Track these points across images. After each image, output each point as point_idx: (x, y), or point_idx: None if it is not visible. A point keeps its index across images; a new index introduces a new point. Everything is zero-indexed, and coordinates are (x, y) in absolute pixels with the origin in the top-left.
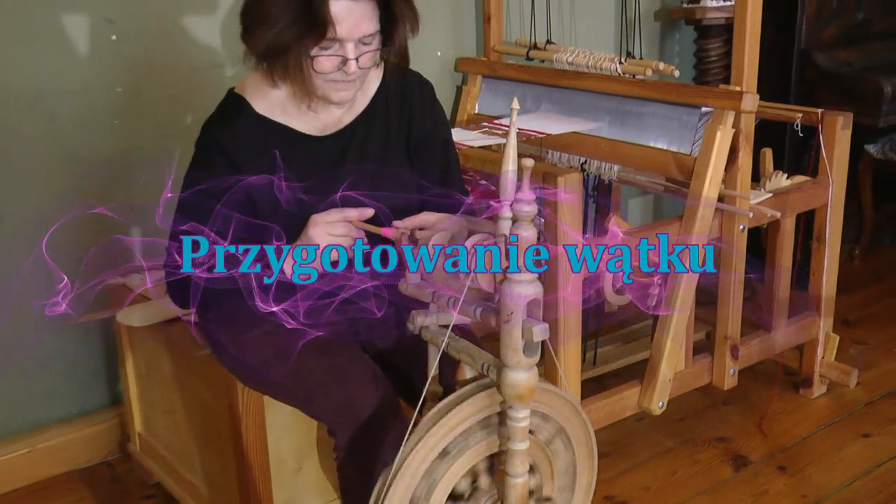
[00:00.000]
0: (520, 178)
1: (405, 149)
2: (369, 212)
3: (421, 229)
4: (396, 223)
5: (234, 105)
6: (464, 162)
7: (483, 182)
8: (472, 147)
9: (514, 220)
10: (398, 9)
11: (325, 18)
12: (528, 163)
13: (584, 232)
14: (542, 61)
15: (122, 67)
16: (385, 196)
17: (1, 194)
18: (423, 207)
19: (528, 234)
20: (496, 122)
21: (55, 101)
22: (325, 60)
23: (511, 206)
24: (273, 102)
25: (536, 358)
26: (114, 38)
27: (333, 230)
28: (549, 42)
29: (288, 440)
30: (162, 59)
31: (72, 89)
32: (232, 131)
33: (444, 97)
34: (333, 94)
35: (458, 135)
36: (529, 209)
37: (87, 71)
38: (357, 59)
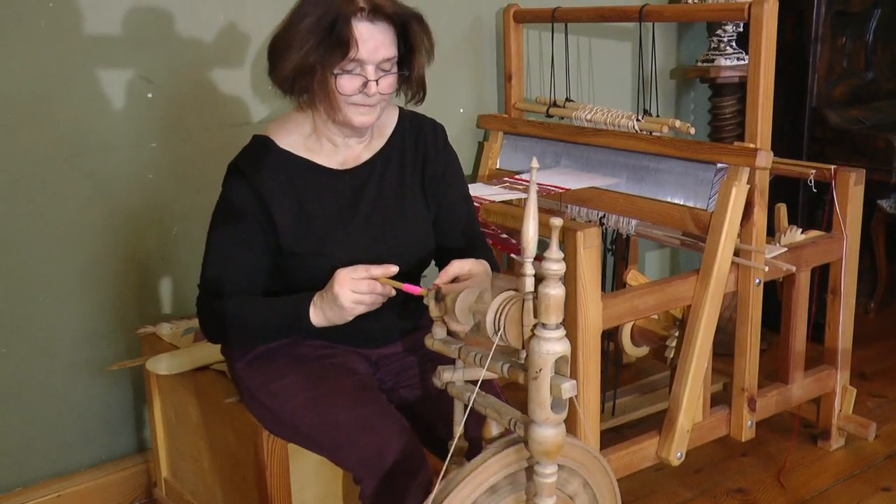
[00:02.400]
0: (541, 234)
1: (421, 187)
2: (393, 269)
3: (454, 280)
4: (438, 283)
5: (258, 143)
6: (485, 216)
7: (504, 236)
8: (493, 201)
9: (542, 278)
10: (416, 37)
11: (348, 38)
12: (557, 222)
13: (604, 285)
14: (562, 118)
15: (156, 124)
16: (403, 233)
17: (41, 248)
18: (441, 249)
19: (556, 292)
20: (517, 177)
21: (93, 156)
22: (347, 80)
23: (537, 263)
24: (296, 139)
25: (564, 415)
26: (150, 95)
27: (359, 287)
28: (568, 100)
29: (312, 488)
30: (194, 117)
31: (110, 145)
32: (255, 164)
33: (466, 152)
34: (355, 117)
35: (480, 189)
36: (558, 268)
37: (124, 127)
38: (377, 81)
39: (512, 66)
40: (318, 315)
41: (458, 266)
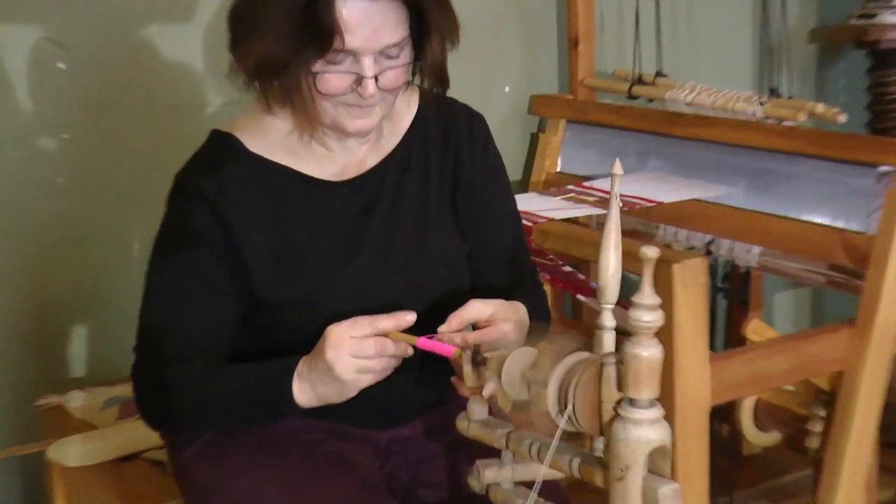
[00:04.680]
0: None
1: (450, 203)
2: (409, 317)
3: (474, 326)
4: (444, 330)
5: (220, 145)
6: (538, 241)
7: (566, 269)
8: (551, 219)
9: (628, 334)
10: (430, 12)
11: (332, 25)
12: (651, 253)
13: (712, 340)
14: (651, 101)
15: (71, 107)
16: (425, 270)
17: None
18: (479, 289)
19: (649, 353)
20: (586, 185)
21: None
22: (333, 79)
23: (620, 310)
24: (272, 139)
25: None
26: (62, 66)
27: (362, 350)
28: (659, 74)
29: None
30: (125, 96)
31: (1, 137)
32: (217, 177)
33: (513, 149)
34: (347, 122)
35: (532, 202)
36: (652, 319)
37: (24, 111)
38: (377, 77)
39: (579, 27)
40: (306, 391)
41: (475, 309)
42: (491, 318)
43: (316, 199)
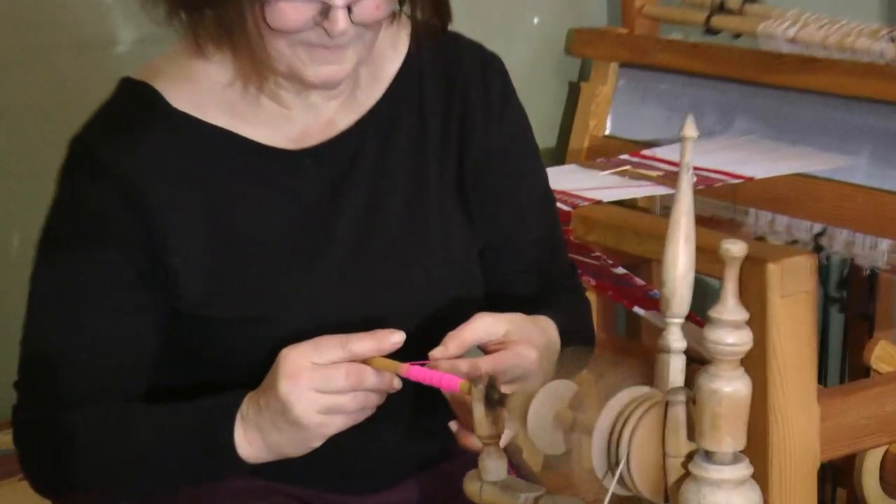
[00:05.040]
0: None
1: (456, 184)
2: (397, 337)
3: (484, 352)
4: (437, 355)
5: (133, 100)
6: (583, 232)
7: (619, 272)
8: (597, 202)
9: (704, 361)
10: None
11: None
12: (736, 249)
13: (823, 370)
14: (737, 36)
15: None
16: (421, 272)
17: None
18: (496, 298)
19: (733, 388)
20: (646, 154)
21: None
22: (289, 9)
23: (693, 328)
24: (205, 92)
25: None
26: None
27: (329, 383)
28: (749, 0)
29: None
30: (4, 31)
31: None
32: (128, 144)
33: (544, 105)
34: (309, 69)
35: (571, 178)
36: (738, 341)
37: None
38: (350, 5)
39: None
40: (254, 441)
41: (482, 326)
42: (505, 339)
43: (266, 176)
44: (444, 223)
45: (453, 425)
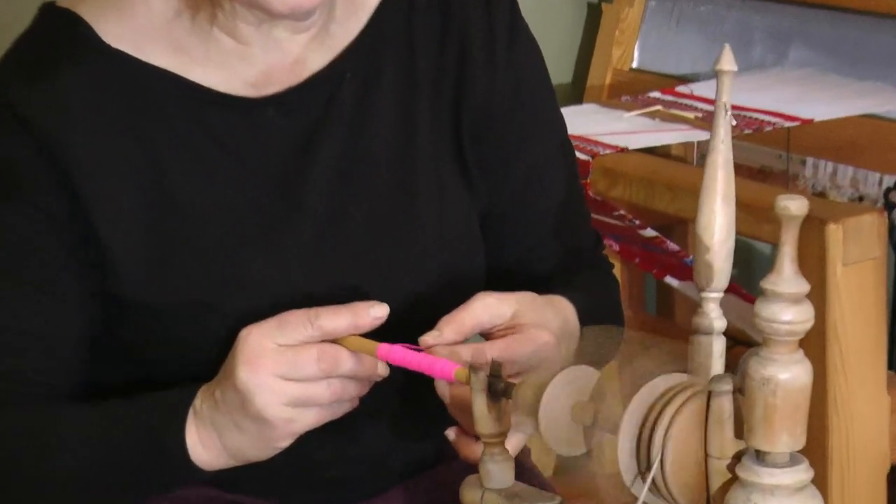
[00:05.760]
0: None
1: (453, 137)
2: (378, 311)
3: (486, 338)
4: (430, 341)
5: (57, 33)
6: (604, 186)
7: (648, 234)
8: (623, 149)
9: (753, 343)
10: None
11: None
12: (793, 207)
13: (894, 349)
14: None
15: None
16: (411, 242)
17: None
18: (503, 274)
19: (790, 375)
20: (680, 91)
21: None
22: None
23: (737, 303)
24: (144, 25)
25: None
26: None
27: (297, 369)
28: None
29: None
30: None
31: None
32: (49, 88)
33: (559, 33)
34: None
35: (590, 120)
36: (794, 318)
37: None
38: None
39: None
40: (210, 443)
41: (484, 307)
42: (513, 322)
43: (220, 130)
44: (437, 186)
45: (451, 433)
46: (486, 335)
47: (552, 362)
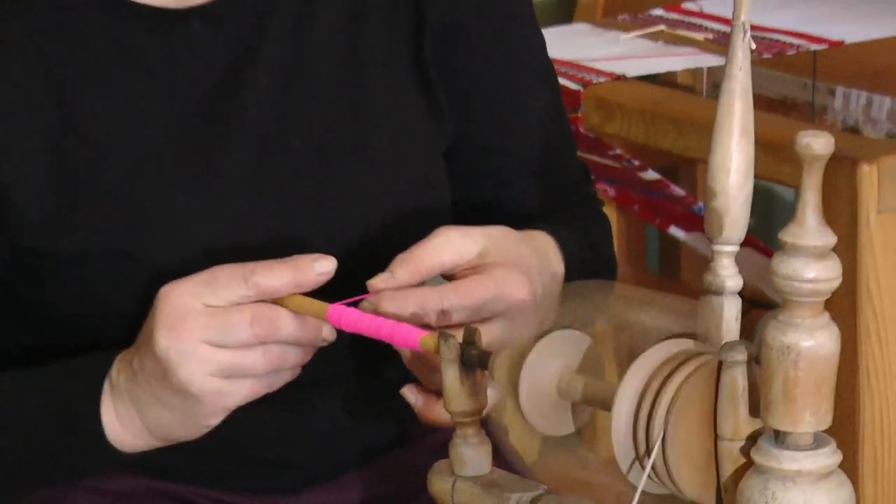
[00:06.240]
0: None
1: (412, 55)
2: (324, 265)
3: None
4: (379, 285)
5: None
6: (597, 121)
7: (650, 176)
8: (621, 77)
9: (771, 305)
10: None
11: None
12: (817, 145)
13: None
14: None
15: None
16: (362, 182)
17: None
18: (467, 217)
19: (815, 342)
20: (687, 7)
21: None
22: None
23: (753, 256)
24: None
25: None
26: None
27: (228, 333)
28: None
29: None
30: None
31: None
32: None
33: None
34: None
35: (580, 42)
36: (820, 275)
37: None
38: None
39: None
40: (127, 421)
41: (445, 244)
42: (480, 261)
43: (137, 47)
44: (393, 112)
45: (410, 393)
46: (449, 278)
47: (527, 313)
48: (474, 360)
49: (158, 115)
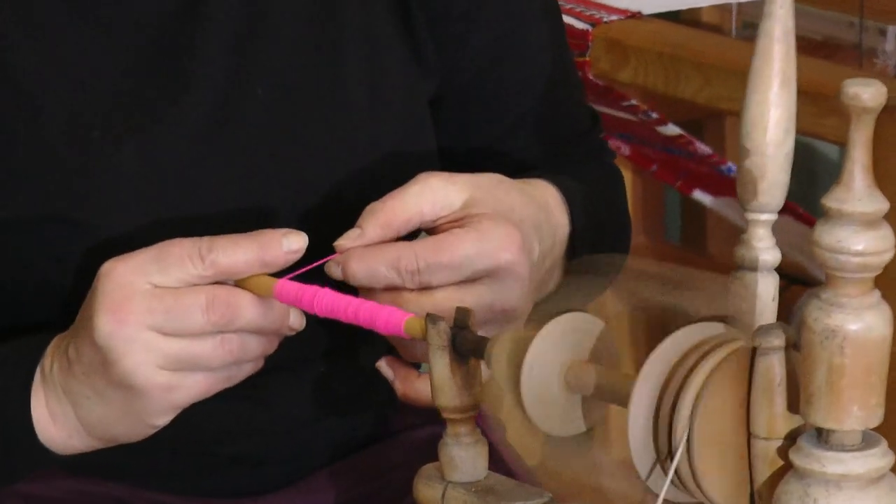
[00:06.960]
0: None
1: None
2: (296, 241)
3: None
4: (346, 243)
5: None
6: (611, 64)
7: (670, 130)
8: (636, 15)
9: (814, 282)
10: None
11: None
12: (869, 95)
13: None
14: None
15: None
16: (331, 138)
17: None
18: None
19: (864, 325)
20: None
21: None
22: None
23: (792, 225)
24: None
25: None
26: None
27: (179, 319)
28: None
29: None
30: None
31: None
32: None
33: None
34: None
35: None
36: (869, 248)
37: None
38: None
39: None
40: (61, 417)
41: (423, 190)
42: (464, 212)
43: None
44: (370, 55)
45: (386, 367)
46: (431, 231)
47: (519, 277)
48: (468, 347)
49: (100, 61)
